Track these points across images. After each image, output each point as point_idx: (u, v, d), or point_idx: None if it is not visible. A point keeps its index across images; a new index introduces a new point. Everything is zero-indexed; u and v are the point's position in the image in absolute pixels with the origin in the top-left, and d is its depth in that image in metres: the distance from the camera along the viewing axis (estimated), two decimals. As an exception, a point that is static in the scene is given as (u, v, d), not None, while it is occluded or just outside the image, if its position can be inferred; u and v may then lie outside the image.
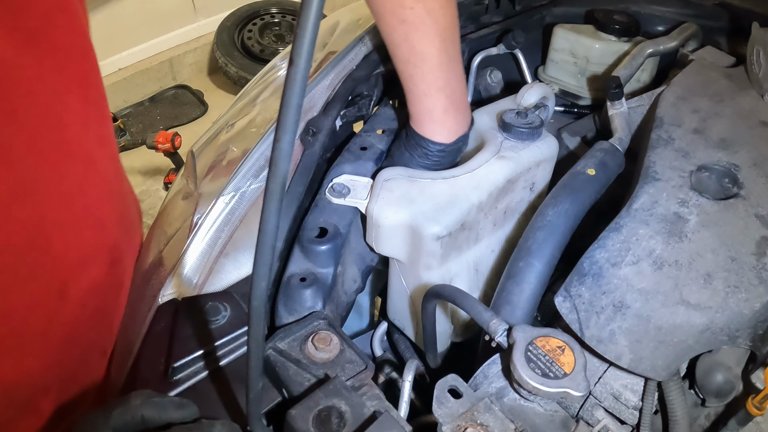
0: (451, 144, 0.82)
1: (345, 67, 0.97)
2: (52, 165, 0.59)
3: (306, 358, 0.64)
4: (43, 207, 0.58)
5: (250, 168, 0.84)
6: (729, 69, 0.99)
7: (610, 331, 0.66)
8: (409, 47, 0.75)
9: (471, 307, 0.66)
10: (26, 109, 0.54)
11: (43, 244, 0.59)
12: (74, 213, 0.63)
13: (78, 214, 0.64)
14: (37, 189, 0.57)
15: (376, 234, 0.79)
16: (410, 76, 0.78)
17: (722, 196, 0.76)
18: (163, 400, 0.55)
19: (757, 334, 0.65)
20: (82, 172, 0.64)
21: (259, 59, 3.28)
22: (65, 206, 0.61)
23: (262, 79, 1.09)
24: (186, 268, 0.75)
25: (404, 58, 0.76)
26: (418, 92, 0.79)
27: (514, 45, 1.11)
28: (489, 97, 1.16)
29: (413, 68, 0.77)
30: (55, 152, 0.59)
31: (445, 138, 0.82)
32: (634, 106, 0.97)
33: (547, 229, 0.75)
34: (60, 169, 0.61)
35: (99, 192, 0.67)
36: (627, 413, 0.69)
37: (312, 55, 0.33)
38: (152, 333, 0.69)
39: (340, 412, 0.55)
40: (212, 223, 0.79)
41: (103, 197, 0.68)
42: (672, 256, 0.69)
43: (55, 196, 0.60)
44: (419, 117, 0.81)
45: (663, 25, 1.18)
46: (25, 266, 0.58)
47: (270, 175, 0.37)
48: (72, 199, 0.62)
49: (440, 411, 0.60)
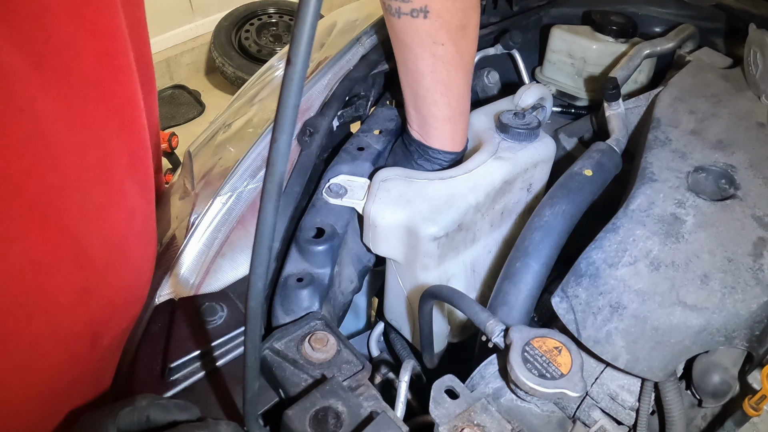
0: (459, 153, 0.88)
1: (342, 67, 0.97)
2: (98, 217, 0.58)
3: (303, 358, 0.64)
4: (88, 260, 0.57)
5: (247, 168, 0.83)
6: (726, 70, 0.99)
7: (607, 331, 0.66)
8: (435, 78, 0.80)
9: (468, 308, 0.66)
10: (74, 163, 0.54)
11: (84, 298, 0.59)
12: (115, 267, 0.62)
13: (117, 268, 0.63)
14: (82, 243, 0.56)
15: (373, 234, 0.79)
16: (434, 102, 0.82)
17: (719, 197, 0.76)
18: (168, 402, 0.56)
19: (754, 334, 0.66)
20: (126, 220, 0.62)
21: (256, 59, 3.27)
22: (108, 259, 0.60)
23: (259, 80, 1.09)
24: (183, 268, 0.75)
25: (429, 86, 0.81)
26: (441, 117, 0.83)
27: (512, 45, 1.11)
28: (486, 97, 1.16)
29: (439, 96, 0.81)
30: (100, 201, 0.58)
31: (456, 149, 0.88)
32: (631, 107, 0.98)
33: (544, 230, 0.75)
34: (106, 220, 0.59)
35: (139, 242, 0.66)
36: (624, 414, 0.69)
37: (309, 55, 0.33)
38: (149, 333, 0.68)
39: (336, 412, 0.55)
40: (209, 223, 0.79)
41: (142, 247, 0.67)
42: (669, 257, 0.69)
43: (98, 248, 0.59)
44: (440, 138, 0.86)
45: (660, 27, 1.18)
46: (67, 320, 0.57)
47: (267, 175, 0.37)
48: (114, 251, 0.61)
49: (437, 411, 0.60)
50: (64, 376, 0.60)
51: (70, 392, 0.62)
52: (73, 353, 0.60)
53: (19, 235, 0.49)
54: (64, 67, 0.50)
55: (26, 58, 0.46)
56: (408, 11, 0.74)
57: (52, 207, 0.52)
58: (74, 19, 0.50)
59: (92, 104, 0.54)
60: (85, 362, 0.62)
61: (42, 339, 0.55)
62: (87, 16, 0.51)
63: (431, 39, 0.76)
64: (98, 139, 0.56)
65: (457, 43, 0.77)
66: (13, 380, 0.55)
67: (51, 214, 0.52)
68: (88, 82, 0.53)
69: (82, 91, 0.53)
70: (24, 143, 0.47)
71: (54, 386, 0.59)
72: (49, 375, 0.58)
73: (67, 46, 0.50)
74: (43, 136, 0.49)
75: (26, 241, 0.50)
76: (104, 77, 0.55)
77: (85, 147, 0.54)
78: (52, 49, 0.49)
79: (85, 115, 0.54)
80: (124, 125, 0.59)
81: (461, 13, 0.76)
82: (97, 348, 0.63)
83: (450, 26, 0.75)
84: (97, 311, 0.61)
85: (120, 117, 0.58)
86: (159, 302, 0.72)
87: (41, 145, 0.49)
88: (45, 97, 0.48)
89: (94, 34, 0.52)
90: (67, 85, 0.51)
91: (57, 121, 0.50)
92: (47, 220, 0.51)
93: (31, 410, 0.58)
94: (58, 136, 0.50)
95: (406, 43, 0.78)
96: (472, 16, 0.78)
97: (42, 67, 0.48)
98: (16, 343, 0.53)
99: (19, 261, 0.50)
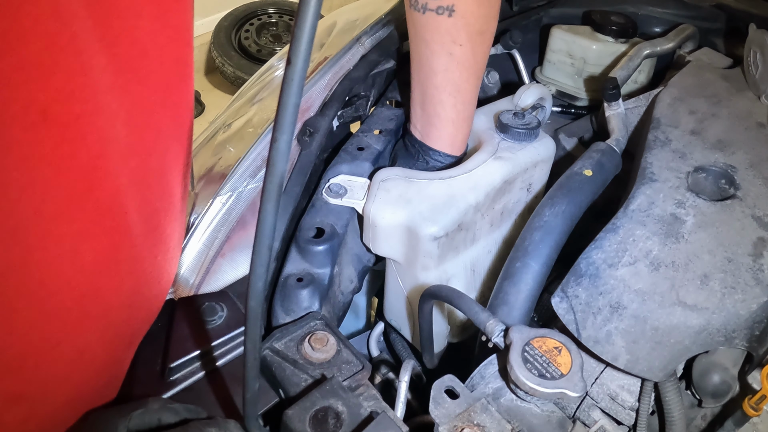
0: (458, 158, 0.88)
1: (342, 67, 0.97)
2: (152, 221, 0.59)
3: (303, 358, 0.64)
4: (140, 264, 0.58)
5: (247, 168, 0.83)
6: (726, 70, 0.99)
7: (607, 331, 0.66)
8: (447, 77, 0.81)
9: (468, 308, 0.66)
10: (140, 167, 0.53)
11: (132, 302, 0.59)
12: (159, 271, 0.63)
13: (161, 273, 0.63)
14: (137, 247, 0.56)
15: (372, 234, 0.79)
16: (441, 102, 0.83)
17: (719, 198, 0.76)
18: (179, 406, 0.56)
19: (754, 335, 0.66)
20: (171, 225, 0.63)
21: (256, 59, 3.27)
22: (154, 263, 0.61)
23: (259, 79, 1.09)
24: (183, 268, 0.75)
25: (439, 84, 0.81)
26: (446, 118, 0.84)
27: (512, 45, 1.11)
28: (486, 97, 1.16)
29: (447, 96, 0.82)
30: (156, 205, 0.58)
31: (456, 153, 0.88)
32: (631, 107, 0.98)
33: (544, 230, 0.75)
34: (158, 225, 0.60)
35: (178, 246, 0.67)
36: (624, 414, 0.69)
37: (309, 55, 0.33)
38: (149, 333, 0.68)
39: (336, 412, 0.55)
40: (209, 223, 0.79)
41: (178, 251, 0.68)
42: (669, 257, 0.69)
43: (148, 251, 0.59)
44: (441, 139, 0.86)
45: (660, 27, 1.18)
46: (115, 324, 0.57)
47: (267, 175, 0.37)
48: (161, 255, 0.62)
49: (437, 411, 0.60)
50: (101, 378, 0.60)
51: (103, 394, 0.62)
52: (115, 355, 0.60)
53: (88, 236, 0.49)
54: (143, 71, 0.50)
55: (112, 59, 0.46)
56: (434, 8, 0.75)
57: (120, 210, 0.51)
58: (158, 23, 0.50)
59: (160, 110, 0.54)
60: (122, 364, 0.63)
61: (92, 342, 0.55)
62: (170, 22, 0.51)
63: (451, 38, 0.77)
64: (161, 144, 0.56)
65: (474, 47, 0.79)
66: (60, 383, 0.54)
67: (118, 216, 0.51)
68: (160, 87, 0.53)
69: (154, 96, 0.53)
70: (99, 145, 0.47)
71: (93, 389, 0.59)
72: (93, 378, 0.58)
73: (149, 50, 0.50)
74: (116, 140, 0.48)
75: (93, 243, 0.50)
76: (174, 84, 0.55)
77: (149, 151, 0.54)
78: (137, 52, 0.49)
79: (152, 121, 0.54)
80: (181, 133, 0.60)
81: (483, 19, 0.77)
82: (132, 350, 0.63)
83: (471, 29, 0.77)
84: (139, 314, 0.62)
85: (179, 124, 0.59)
86: (159, 302, 0.72)
87: (115, 148, 0.48)
88: (122, 101, 0.48)
89: (172, 40, 0.52)
90: (143, 89, 0.51)
91: (129, 124, 0.50)
92: (114, 222, 0.51)
93: (69, 413, 0.58)
94: (129, 140, 0.50)
95: (425, 39, 0.79)
96: (492, 24, 0.80)
97: (124, 69, 0.48)
98: (69, 346, 0.53)
99: (85, 264, 0.50)
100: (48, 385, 0.53)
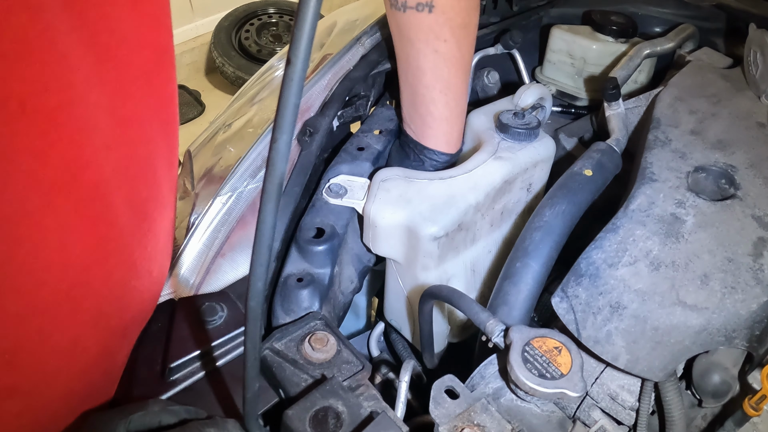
0: (453, 156, 0.89)
1: (342, 67, 0.97)
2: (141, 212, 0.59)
3: (303, 358, 0.64)
4: (130, 255, 0.58)
5: (247, 168, 0.83)
6: (726, 70, 0.99)
7: (607, 331, 0.66)
8: (435, 76, 0.80)
9: (468, 308, 0.66)
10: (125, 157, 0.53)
11: (124, 293, 0.59)
12: (151, 261, 0.63)
13: (152, 263, 0.63)
14: (126, 238, 0.56)
15: (373, 234, 0.79)
16: (432, 100, 0.82)
17: (719, 197, 0.76)
18: (180, 408, 0.56)
19: (754, 334, 0.66)
20: (161, 215, 0.63)
21: (256, 59, 3.27)
22: (144, 253, 0.61)
23: (259, 80, 1.09)
24: (183, 268, 0.75)
25: (429, 83, 0.81)
26: (439, 116, 0.84)
27: (512, 45, 1.11)
28: (486, 97, 1.16)
29: (438, 94, 0.82)
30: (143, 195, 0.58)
31: (451, 151, 0.88)
32: (631, 107, 0.98)
33: (544, 230, 0.75)
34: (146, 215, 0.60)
35: (169, 238, 0.67)
36: (624, 414, 0.69)
37: (309, 55, 0.33)
38: (149, 333, 0.68)
39: (336, 412, 0.55)
40: (209, 223, 0.79)
41: (168, 243, 0.68)
42: (669, 257, 0.69)
43: (138, 241, 0.59)
44: (435, 138, 0.86)
45: (660, 27, 1.18)
46: (107, 315, 0.57)
47: (267, 175, 0.37)
48: (151, 246, 0.62)
49: (437, 411, 0.60)
50: (96, 371, 0.60)
51: (100, 389, 0.62)
52: (108, 347, 0.60)
53: (75, 227, 0.49)
54: (122, 59, 0.50)
55: (89, 48, 0.46)
56: (414, 5, 0.75)
57: (105, 200, 0.51)
58: (135, 11, 0.49)
59: (142, 99, 0.54)
60: (116, 357, 0.62)
61: (84, 333, 0.55)
62: (147, 9, 0.51)
63: (434, 34, 0.77)
64: (145, 134, 0.56)
65: (459, 41, 0.78)
66: (54, 376, 0.54)
67: (103, 207, 0.51)
68: (141, 76, 0.53)
69: (134, 84, 0.52)
70: (80, 135, 0.47)
71: (88, 382, 0.59)
72: (87, 371, 0.58)
73: (127, 38, 0.50)
74: (98, 129, 0.48)
75: (80, 234, 0.50)
76: (154, 72, 0.55)
77: (133, 142, 0.54)
78: (114, 41, 0.48)
79: (135, 110, 0.53)
80: (165, 122, 0.60)
81: (465, 12, 0.77)
82: (127, 343, 0.63)
83: (453, 23, 0.76)
84: (132, 306, 0.61)
85: (162, 113, 0.59)
86: (159, 302, 0.72)
87: (97, 137, 0.48)
88: (102, 90, 0.48)
89: (151, 27, 0.52)
90: (122, 77, 0.50)
91: (111, 113, 0.50)
92: (100, 213, 0.51)
93: (64, 407, 0.58)
94: (111, 129, 0.50)
95: (409, 39, 0.79)
96: (474, 16, 0.80)
97: (102, 58, 0.47)
98: (61, 337, 0.53)
99: (73, 254, 0.50)
100: (41, 377, 0.53)
